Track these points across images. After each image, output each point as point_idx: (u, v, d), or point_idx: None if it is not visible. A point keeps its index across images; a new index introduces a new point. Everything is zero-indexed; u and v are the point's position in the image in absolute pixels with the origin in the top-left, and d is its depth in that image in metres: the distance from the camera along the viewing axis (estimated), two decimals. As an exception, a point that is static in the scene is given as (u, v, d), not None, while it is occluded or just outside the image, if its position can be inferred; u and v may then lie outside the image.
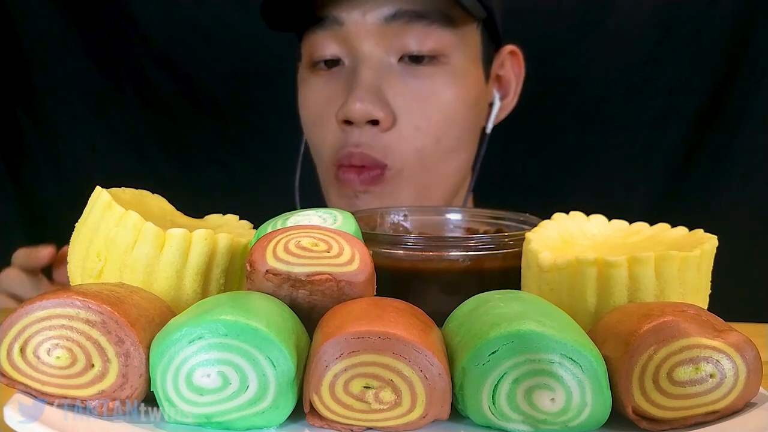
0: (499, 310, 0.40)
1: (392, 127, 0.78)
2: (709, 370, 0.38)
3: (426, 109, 0.79)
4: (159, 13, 1.13)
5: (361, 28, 0.77)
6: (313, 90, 0.83)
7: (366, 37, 0.77)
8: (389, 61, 0.78)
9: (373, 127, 0.77)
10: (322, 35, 0.79)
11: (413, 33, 0.77)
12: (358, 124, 0.77)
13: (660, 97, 1.13)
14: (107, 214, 0.46)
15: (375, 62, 0.78)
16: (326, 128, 0.81)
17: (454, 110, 0.81)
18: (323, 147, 0.82)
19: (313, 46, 0.81)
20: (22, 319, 0.38)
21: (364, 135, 0.77)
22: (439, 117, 0.80)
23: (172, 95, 1.15)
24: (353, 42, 0.78)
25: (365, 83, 0.76)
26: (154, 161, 1.17)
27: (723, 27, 1.09)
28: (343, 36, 0.78)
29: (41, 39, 1.11)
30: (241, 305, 0.38)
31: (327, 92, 0.81)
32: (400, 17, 0.77)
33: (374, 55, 0.78)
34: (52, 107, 1.13)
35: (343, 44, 0.79)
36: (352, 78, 0.78)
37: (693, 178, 1.13)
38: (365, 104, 0.75)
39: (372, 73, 0.77)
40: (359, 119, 0.76)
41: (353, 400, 0.37)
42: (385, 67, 0.78)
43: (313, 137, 0.85)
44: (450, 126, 0.81)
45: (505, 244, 0.55)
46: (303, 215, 0.50)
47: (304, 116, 0.86)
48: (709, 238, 0.48)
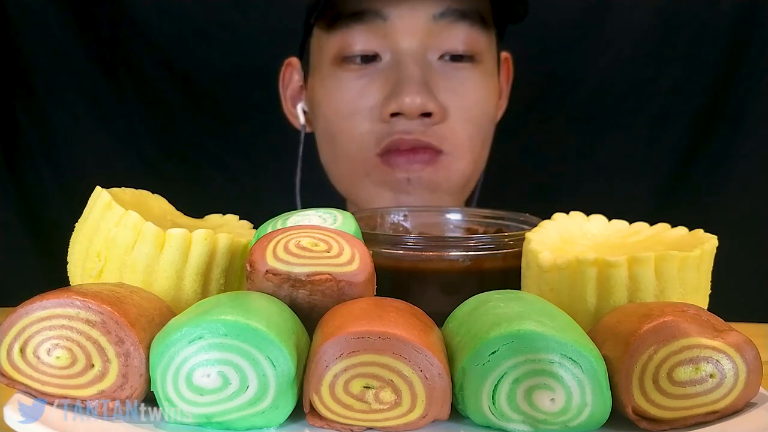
0: (499, 310, 0.40)
1: (444, 120, 0.79)
2: (709, 370, 0.38)
3: (467, 103, 0.81)
4: (159, 13, 1.12)
5: (406, 24, 0.78)
6: (341, 84, 0.82)
7: (411, 33, 0.78)
8: (430, 58, 0.79)
9: (425, 119, 0.78)
10: (360, 29, 0.79)
11: (457, 32, 0.79)
12: (409, 117, 0.77)
13: (660, 97, 1.13)
14: (107, 214, 0.46)
15: (419, 57, 0.78)
16: (360, 120, 0.81)
17: (486, 107, 0.84)
18: (358, 138, 0.82)
19: (347, 40, 0.80)
20: (22, 319, 0.38)
21: (414, 125, 0.78)
22: (478, 111, 0.83)
23: (172, 95, 1.15)
24: (396, 37, 0.78)
25: (415, 77, 0.77)
26: (154, 161, 1.17)
27: (723, 27, 1.09)
28: (385, 31, 0.78)
29: (41, 39, 1.11)
30: (241, 305, 0.38)
31: (360, 85, 0.81)
32: (447, 16, 0.78)
33: (418, 51, 0.78)
34: (52, 107, 1.13)
35: (383, 39, 0.79)
36: (395, 72, 0.78)
37: (693, 178, 1.13)
38: (420, 97, 0.76)
39: (419, 68, 0.78)
40: (414, 112, 0.76)
41: (353, 400, 0.37)
42: (427, 63, 0.79)
43: (340, 131, 0.84)
44: (486, 119, 0.84)
45: (505, 244, 0.55)
46: (303, 215, 0.50)
47: (326, 111, 0.85)
48: (709, 238, 0.48)
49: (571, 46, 1.13)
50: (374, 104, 0.79)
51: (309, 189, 0.91)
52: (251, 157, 1.18)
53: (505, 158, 0.95)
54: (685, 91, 1.11)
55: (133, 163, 1.16)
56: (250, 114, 1.16)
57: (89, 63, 1.13)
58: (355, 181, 0.85)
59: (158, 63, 1.14)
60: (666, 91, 1.12)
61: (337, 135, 0.85)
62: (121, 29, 1.13)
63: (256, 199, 1.03)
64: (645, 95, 1.13)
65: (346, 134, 0.83)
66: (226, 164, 1.19)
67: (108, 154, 1.16)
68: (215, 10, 1.13)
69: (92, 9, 1.12)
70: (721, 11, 1.08)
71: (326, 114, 0.85)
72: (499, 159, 0.91)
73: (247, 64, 1.14)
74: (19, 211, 1.13)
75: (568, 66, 1.14)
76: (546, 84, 1.14)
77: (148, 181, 0.57)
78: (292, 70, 0.93)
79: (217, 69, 1.16)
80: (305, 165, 0.91)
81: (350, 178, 0.86)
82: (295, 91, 0.93)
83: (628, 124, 1.15)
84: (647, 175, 1.16)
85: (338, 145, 0.85)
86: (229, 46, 1.14)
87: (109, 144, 1.16)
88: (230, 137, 1.18)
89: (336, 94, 0.83)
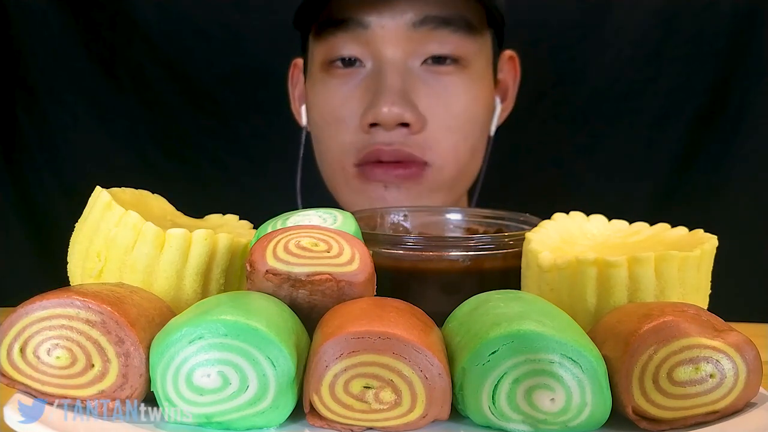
0: (499, 310, 0.40)
1: (423, 130, 0.79)
2: (709, 370, 0.38)
3: (451, 110, 0.80)
4: (159, 13, 1.12)
5: (387, 32, 0.77)
6: (327, 91, 0.82)
7: (392, 41, 0.78)
8: (413, 64, 0.79)
9: (403, 128, 0.78)
10: (343, 37, 0.79)
11: (438, 38, 0.78)
12: (386, 127, 0.77)
13: (660, 97, 1.13)
14: (107, 214, 0.46)
15: (399, 66, 0.78)
16: (343, 128, 0.81)
17: (475, 112, 0.83)
18: (339, 147, 0.82)
19: (331, 47, 0.80)
20: (22, 319, 0.38)
21: (394, 135, 0.78)
22: (464, 117, 0.81)
23: (172, 95, 1.15)
24: (377, 45, 0.78)
25: (393, 87, 0.77)
26: (154, 161, 1.17)
27: (723, 27, 1.09)
28: (366, 39, 0.78)
29: (41, 39, 1.11)
30: (241, 305, 0.38)
31: (343, 93, 0.81)
32: (427, 23, 0.77)
33: (399, 59, 0.78)
34: (52, 107, 1.13)
35: (365, 47, 0.79)
36: (376, 81, 0.78)
37: (693, 178, 1.13)
38: (396, 108, 0.76)
39: (398, 77, 0.77)
40: (390, 123, 0.76)
41: (353, 400, 0.37)
42: (408, 71, 0.79)
43: (325, 137, 0.85)
44: (473, 126, 0.83)
45: (505, 244, 0.55)
46: (303, 215, 0.50)
47: (314, 116, 0.85)
48: (709, 238, 0.48)
49: (571, 46, 1.13)
50: (356, 113, 0.79)
51: (309, 189, 0.91)
52: (251, 157, 1.18)
53: (505, 158, 0.95)
54: (685, 91, 1.11)
55: (133, 163, 1.16)
56: (250, 114, 1.16)
57: (89, 63, 1.13)
58: (337, 187, 0.86)
59: (158, 63, 1.14)
60: (666, 91, 1.12)
61: (323, 140, 0.85)
62: (121, 29, 1.13)
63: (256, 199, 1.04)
64: (645, 95, 1.13)
65: (329, 140, 0.84)
66: (226, 164, 1.19)
67: (108, 154, 1.16)
68: (215, 10, 1.13)
69: (92, 9, 1.12)
70: (721, 11, 1.08)
71: (315, 118, 0.86)
72: (499, 159, 0.91)
73: (247, 64, 1.14)
74: (19, 211, 1.13)
75: (568, 66, 1.14)
76: (546, 84, 1.14)
77: (148, 181, 0.57)
78: (299, 71, 0.93)
79: (217, 69, 1.16)
80: (306, 165, 0.91)
81: (332, 183, 0.87)
82: (301, 91, 0.94)
83: (628, 124, 1.15)
84: (647, 175, 1.16)
85: (323, 150, 0.86)
86: (229, 46, 1.14)
87: (109, 144, 1.16)
88: (230, 137, 1.18)
89: (323, 100, 0.84)
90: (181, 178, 1.17)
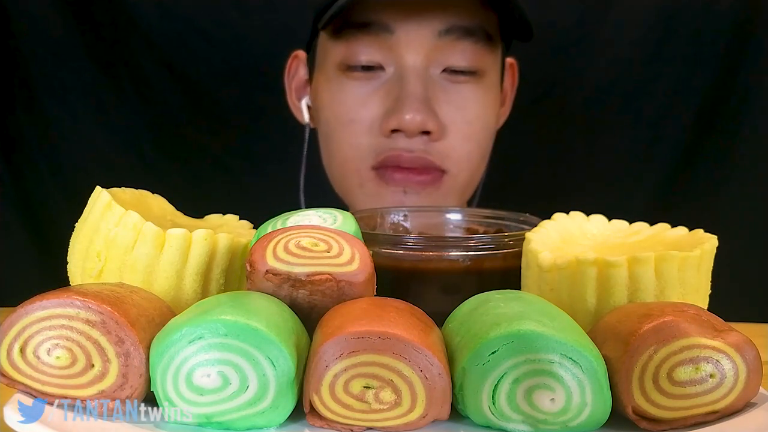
0: (499, 310, 0.40)
1: (443, 138, 0.79)
2: (709, 370, 0.38)
3: (467, 118, 0.81)
4: (159, 13, 1.12)
5: (412, 39, 0.78)
6: (343, 91, 0.82)
7: (416, 48, 0.78)
8: (433, 72, 0.79)
9: (424, 136, 0.78)
10: (366, 40, 0.79)
11: (461, 49, 0.79)
12: (409, 134, 0.77)
13: (660, 97, 1.13)
14: (107, 214, 0.46)
15: (421, 73, 0.78)
16: (358, 130, 0.81)
17: (487, 120, 0.84)
18: (353, 148, 0.82)
19: (352, 49, 0.80)
20: (22, 319, 0.38)
21: (415, 142, 0.78)
22: (478, 125, 0.82)
23: (172, 95, 1.15)
24: (401, 51, 0.78)
25: (416, 94, 0.77)
26: (154, 161, 1.17)
27: (723, 27, 1.09)
28: (390, 44, 0.78)
29: (41, 39, 1.11)
30: (241, 305, 0.38)
31: (361, 95, 0.81)
32: (452, 33, 0.78)
33: (420, 66, 0.78)
34: (52, 107, 1.13)
35: (388, 52, 0.78)
36: (397, 87, 0.78)
37: (693, 178, 1.13)
38: (420, 115, 0.76)
39: (420, 84, 0.78)
40: (413, 130, 0.77)
41: (353, 400, 0.37)
42: (429, 78, 0.79)
43: (337, 137, 0.84)
44: (486, 133, 0.85)
45: (505, 244, 0.55)
46: (303, 215, 0.50)
47: (327, 115, 0.85)
48: (709, 238, 0.48)
49: (571, 47, 1.13)
50: (374, 116, 0.79)
51: (312, 188, 0.91)
52: (251, 157, 1.18)
53: (505, 158, 0.95)
54: (685, 91, 1.11)
55: (133, 163, 1.16)
56: (250, 114, 1.16)
57: (89, 63, 1.13)
58: (349, 188, 0.86)
59: (158, 63, 1.14)
60: (666, 91, 1.12)
61: (334, 140, 0.85)
62: (121, 29, 1.13)
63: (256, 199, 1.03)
64: (645, 95, 1.13)
65: (343, 141, 0.83)
66: (226, 164, 1.19)
67: (108, 154, 1.16)
68: (215, 10, 1.13)
69: (92, 9, 1.12)
70: (720, 11, 1.08)
71: (327, 117, 0.85)
72: (499, 159, 0.91)
73: (247, 64, 1.14)
74: (19, 211, 1.13)
75: (568, 66, 1.14)
76: (546, 84, 1.14)
77: (148, 181, 0.57)
78: (299, 63, 0.93)
79: (217, 69, 1.16)
80: (309, 163, 0.91)
81: (344, 184, 0.87)
82: (300, 84, 0.93)
83: (628, 124, 1.15)
84: (647, 175, 1.16)
85: (335, 150, 0.85)
86: (229, 46, 1.14)
87: (109, 144, 1.16)
88: (230, 137, 1.18)
89: (338, 99, 0.83)
90: (181, 178, 1.17)
